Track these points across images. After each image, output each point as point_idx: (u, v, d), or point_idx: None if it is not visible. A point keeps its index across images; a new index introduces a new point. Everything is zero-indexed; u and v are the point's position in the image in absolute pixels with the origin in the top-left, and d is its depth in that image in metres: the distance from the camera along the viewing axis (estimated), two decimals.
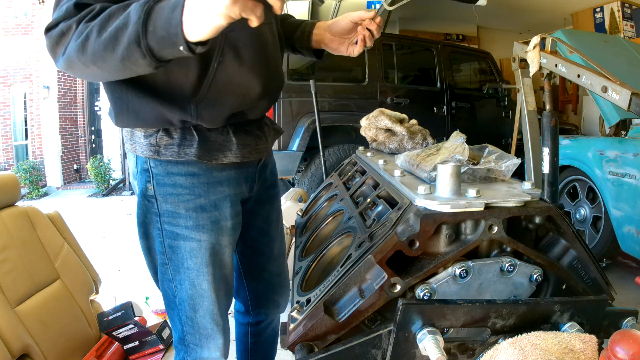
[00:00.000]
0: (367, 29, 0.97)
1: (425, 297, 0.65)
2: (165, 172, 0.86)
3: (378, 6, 1.01)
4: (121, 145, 8.16)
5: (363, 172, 1.11)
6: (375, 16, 0.97)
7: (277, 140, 2.78)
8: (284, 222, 1.33)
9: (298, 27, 1.08)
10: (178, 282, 0.93)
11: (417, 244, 0.65)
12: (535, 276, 0.68)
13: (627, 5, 5.12)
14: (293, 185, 3.91)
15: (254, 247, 1.11)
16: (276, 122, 2.21)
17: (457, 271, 0.65)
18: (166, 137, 0.83)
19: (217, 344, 0.97)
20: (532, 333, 0.58)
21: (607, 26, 5.17)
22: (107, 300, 1.81)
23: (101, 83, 0.80)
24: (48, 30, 0.69)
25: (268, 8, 0.60)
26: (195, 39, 0.60)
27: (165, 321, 1.50)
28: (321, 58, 1.10)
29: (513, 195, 0.69)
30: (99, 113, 8.56)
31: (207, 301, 0.93)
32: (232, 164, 0.90)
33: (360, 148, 1.35)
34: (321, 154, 2.84)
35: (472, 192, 0.66)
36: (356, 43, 1.01)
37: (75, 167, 8.62)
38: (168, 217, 0.88)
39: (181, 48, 0.61)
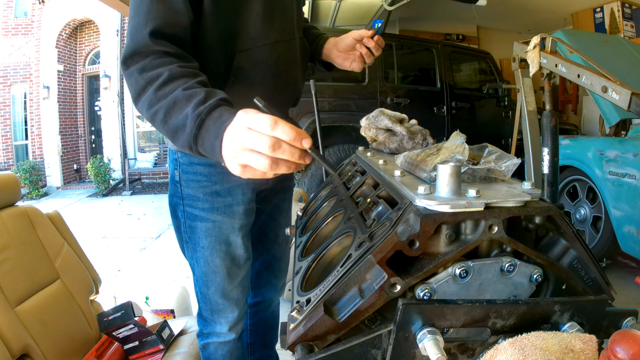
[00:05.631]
0: (366, 46, 1.07)
1: (425, 297, 0.65)
2: (189, 162, 1.00)
3: (378, 25, 1.06)
4: (121, 145, 8.16)
5: (363, 172, 1.11)
6: (374, 35, 1.05)
7: None
8: None
9: (314, 40, 1.19)
10: (195, 259, 1.07)
11: (417, 244, 0.65)
12: (535, 276, 0.68)
13: (627, 5, 5.12)
14: (293, 185, 3.92)
15: (262, 229, 1.26)
16: None
17: (457, 271, 0.65)
18: None
19: (227, 319, 1.11)
20: (532, 333, 0.58)
21: (607, 26, 5.17)
22: (107, 300, 1.81)
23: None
24: (123, 62, 0.78)
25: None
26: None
27: (165, 321, 1.50)
28: (330, 71, 1.22)
29: (513, 195, 0.69)
30: (99, 113, 8.56)
31: (218, 277, 1.06)
32: None
33: (360, 148, 1.35)
34: (321, 153, 2.84)
35: (472, 192, 0.66)
36: None
37: (75, 167, 8.62)
38: (189, 200, 1.02)
39: (222, 164, 0.67)
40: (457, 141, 0.83)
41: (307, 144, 0.61)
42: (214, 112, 0.67)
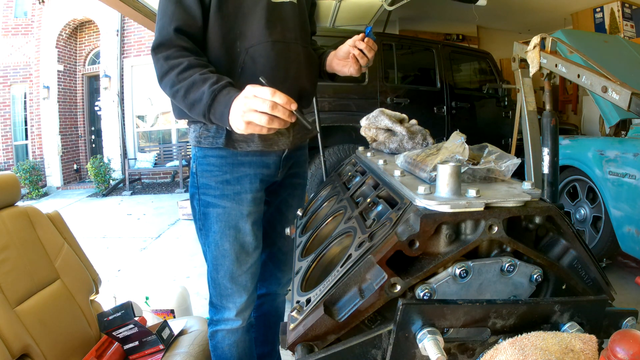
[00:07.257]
0: (358, 48, 1.17)
1: (425, 297, 0.65)
2: (204, 155, 1.14)
3: (368, 30, 1.17)
4: (121, 145, 8.16)
5: (363, 172, 1.11)
6: (364, 37, 1.16)
7: None
8: None
9: (320, 56, 1.33)
10: (207, 245, 1.17)
11: (417, 244, 0.65)
12: (535, 276, 0.68)
13: (627, 5, 5.12)
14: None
15: (270, 221, 1.34)
16: None
17: (457, 271, 0.65)
18: (205, 132, 1.12)
19: (235, 304, 1.18)
20: (532, 333, 0.58)
21: (607, 26, 5.17)
22: (107, 300, 1.81)
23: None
24: (153, 49, 1.01)
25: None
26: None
27: (165, 321, 1.50)
28: (334, 81, 1.38)
29: (513, 195, 0.69)
30: (99, 113, 8.56)
31: (227, 261, 1.15)
32: (254, 152, 1.14)
33: (360, 148, 1.35)
34: (321, 154, 2.84)
35: (472, 192, 0.66)
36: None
37: (75, 167, 8.62)
38: (203, 188, 1.15)
39: (228, 128, 0.96)
40: (457, 141, 0.83)
41: (294, 106, 0.87)
42: (224, 90, 0.93)
